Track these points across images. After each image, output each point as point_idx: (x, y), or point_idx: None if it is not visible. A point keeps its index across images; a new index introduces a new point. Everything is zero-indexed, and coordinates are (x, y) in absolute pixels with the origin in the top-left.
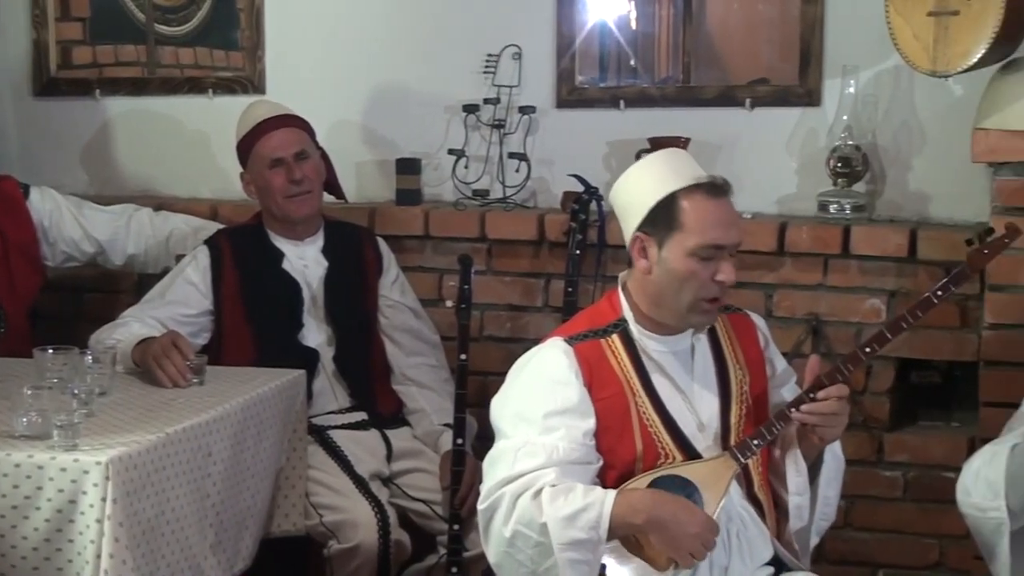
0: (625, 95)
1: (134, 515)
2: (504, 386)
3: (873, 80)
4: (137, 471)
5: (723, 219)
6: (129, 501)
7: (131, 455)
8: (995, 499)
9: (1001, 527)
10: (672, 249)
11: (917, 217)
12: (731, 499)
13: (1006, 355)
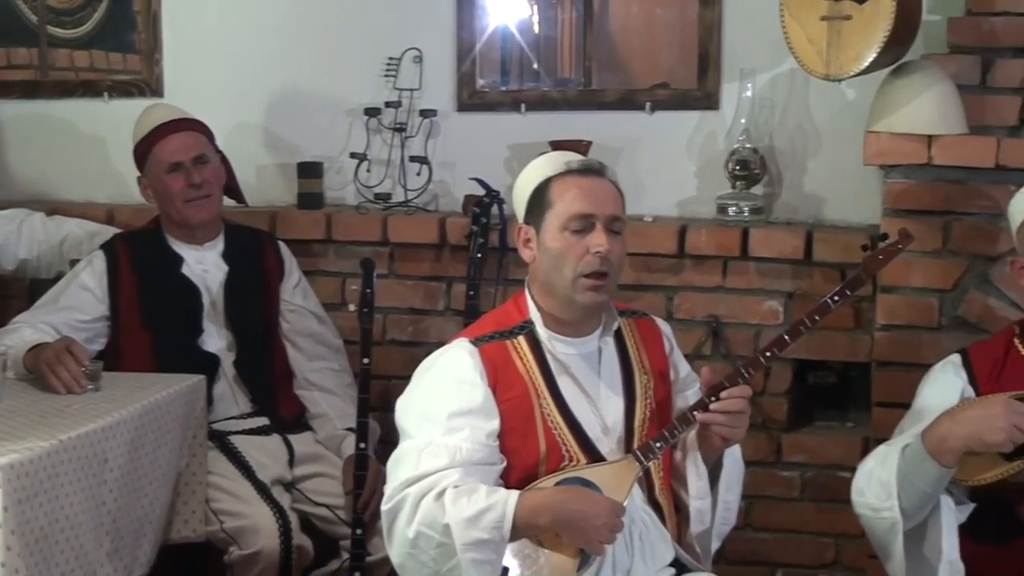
0: (526, 98)
1: (27, 523)
2: (409, 387)
3: (770, 84)
4: (30, 478)
5: (590, 191)
6: (21, 509)
7: (23, 462)
8: (888, 499)
9: (894, 527)
10: (547, 230)
11: (812, 219)
12: (633, 502)
13: (897, 356)
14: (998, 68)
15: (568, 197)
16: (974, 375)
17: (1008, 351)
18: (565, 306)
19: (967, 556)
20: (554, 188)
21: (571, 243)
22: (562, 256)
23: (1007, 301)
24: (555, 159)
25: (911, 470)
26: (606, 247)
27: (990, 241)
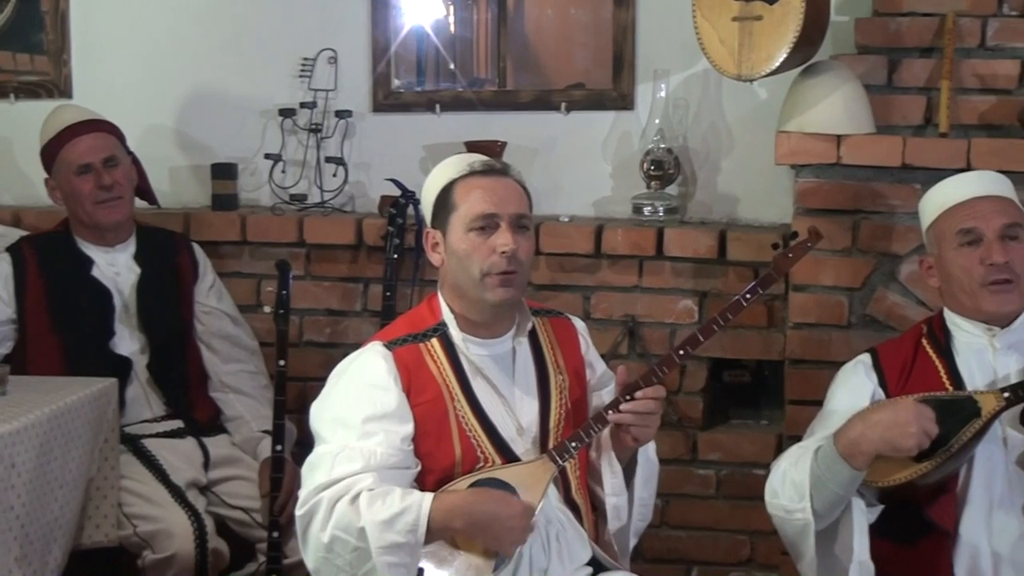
0: (441, 99)
1: None
2: (323, 391)
3: (683, 84)
4: None
5: (493, 190)
6: None
7: None
8: (800, 501)
9: (807, 528)
10: (453, 232)
11: (726, 218)
12: (549, 502)
13: (809, 354)
14: (904, 68)
15: (472, 198)
16: (884, 376)
17: (916, 351)
18: (476, 307)
19: (877, 556)
20: (457, 190)
21: (477, 244)
22: (469, 257)
23: (913, 299)
24: (458, 162)
25: (823, 472)
26: (512, 245)
27: (897, 240)
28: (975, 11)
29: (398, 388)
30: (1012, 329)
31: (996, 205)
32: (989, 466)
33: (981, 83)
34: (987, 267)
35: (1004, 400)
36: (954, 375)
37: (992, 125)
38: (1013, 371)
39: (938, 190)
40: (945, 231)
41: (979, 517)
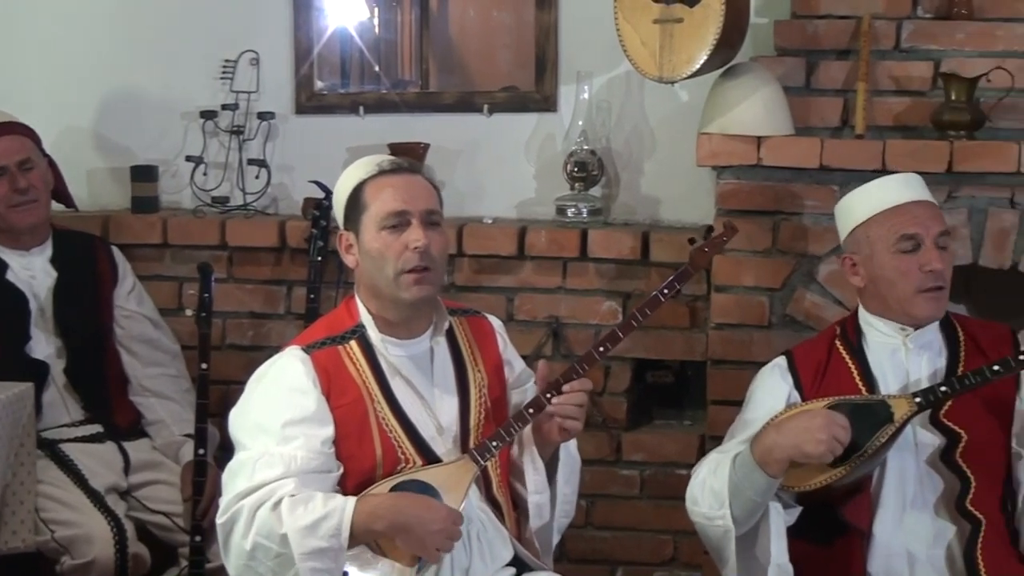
0: (365, 101)
1: None
2: (242, 397)
3: (606, 86)
4: None
5: (403, 188)
6: None
7: None
8: (720, 509)
9: (727, 534)
10: (365, 232)
11: (649, 220)
12: (470, 501)
13: (730, 354)
14: (821, 70)
15: (382, 197)
16: (799, 378)
17: (830, 353)
18: (392, 306)
19: (796, 556)
20: (368, 190)
21: (389, 242)
22: (382, 255)
23: (831, 299)
24: (366, 163)
25: (741, 480)
26: (424, 241)
27: (815, 240)
28: (890, 13)
29: (317, 391)
30: (924, 330)
31: (932, 211)
32: (902, 467)
33: (896, 85)
34: (925, 273)
35: (916, 405)
36: (867, 376)
37: (907, 126)
38: (924, 371)
39: (871, 191)
40: (883, 234)
41: (892, 517)
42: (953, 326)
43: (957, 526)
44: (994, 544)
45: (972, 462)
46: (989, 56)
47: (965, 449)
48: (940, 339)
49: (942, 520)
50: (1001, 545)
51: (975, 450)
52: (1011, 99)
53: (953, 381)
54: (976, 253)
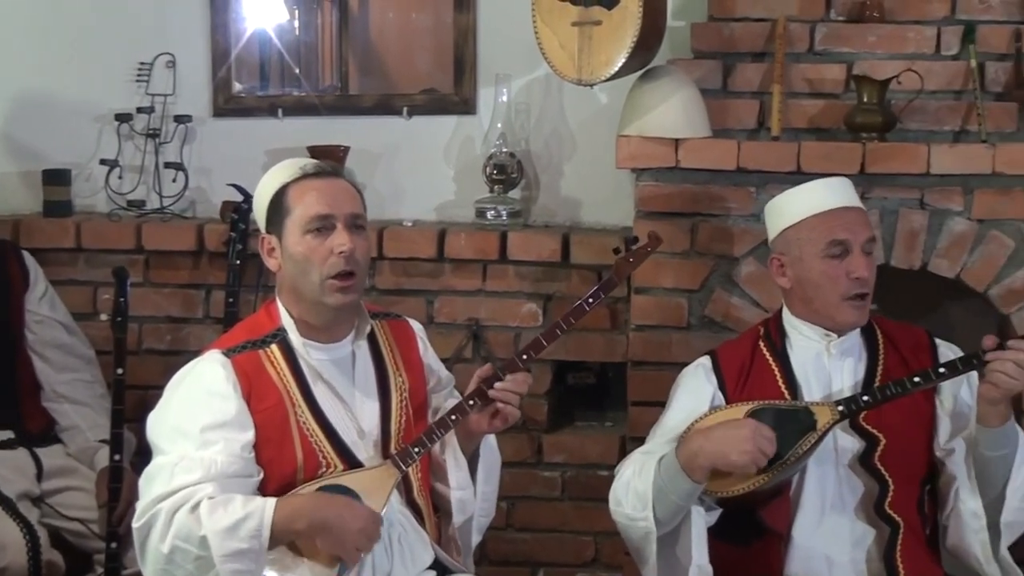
0: (284, 103)
1: None
2: (160, 402)
3: (525, 88)
4: None
5: (327, 192)
6: None
7: None
8: (644, 510)
9: (649, 535)
10: (289, 236)
11: (570, 222)
12: (391, 505)
13: (650, 355)
14: (738, 72)
15: (306, 201)
16: (723, 379)
17: (754, 354)
18: (315, 310)
19: (715, 557)
20: (291, 194)
21: (314, 246)
22: (306, 260)
23: (750, 300)
24: (289, 166)
25: (665, 483)
26: (349, 245)
27: (733, 242)
28: (804, 16)
29: (238, 396)
30: (847, 335)
31: (861, 217)
32: (821, 471)
33: (810, 87)
34: (851, 280)
35: (838, 414)
36: (790, 380)
37: (821, 128)
38: (847, 376)
39: (804, 193)
40: (814, 237)
41: (812, 521)
42: (873, 329)
43: (876, 529)
44: (912, 546)
45: (890, 465)
46: (900, 58)
47: (884, 453)
48: (861, 342)
49: (861, 523)
50: (918, 547)
51: (893, 453)
52: (920, 101)
53: (875, 391)
54: (888, 253)
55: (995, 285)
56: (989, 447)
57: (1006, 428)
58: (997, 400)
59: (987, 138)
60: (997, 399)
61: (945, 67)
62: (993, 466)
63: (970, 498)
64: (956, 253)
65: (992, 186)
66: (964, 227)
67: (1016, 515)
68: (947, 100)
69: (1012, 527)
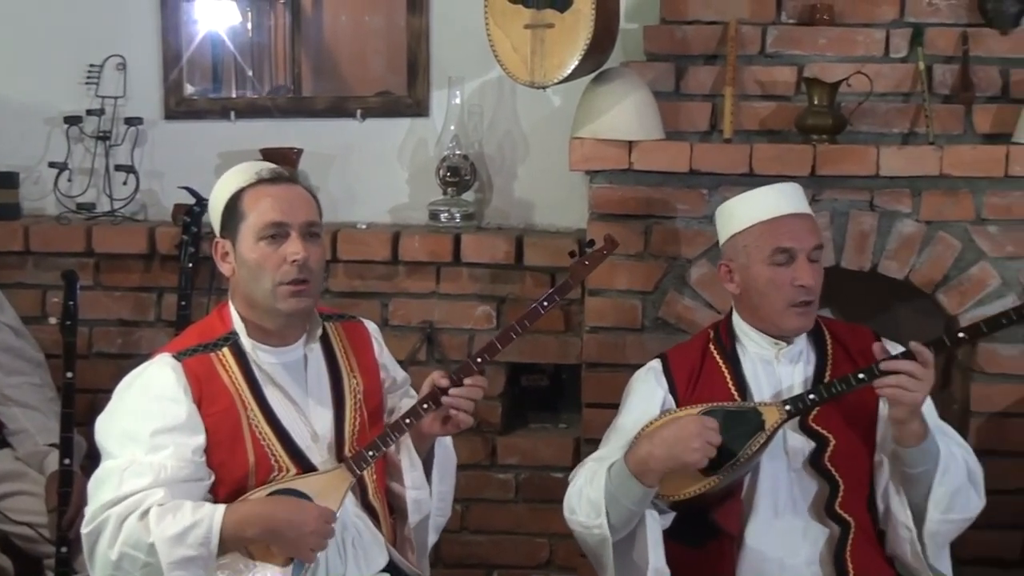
0: (236, 106)
1: None
2: (110, 405)
3: (478, 91)
4: None
5: (283, 199)
6: None
7: None
8: (597, 518)
9: (604, 542)
10: (243, 241)
11: (523, 224)
12: (346, 507)
13: (604, 357)
14: (690, 75)
15: (261, 207)
16: (674, 383)
17: (704, 358)
18: (268, 315)
19: (671, 559)
20: (246, 199)
21: (267, 253)
22: (260, 266)
23: (702, 302)
24: (245, 170)
25: (617, 489)
26: (303, 254)
27: (686, 244)
28: (755, 19)
29: (188, 399)
30: (796, 343)
31: (808, 224)
32: (773, 472)
33: (762, 89)
34: (796, 288)
35: (786, 413)
36: (740, 382)
37: (772, 130)
38: (796, 378)
39: (751, 200)
40: (760, 244)
41: (763, 522)
42: (821, 330)
43: (827, 529)
44: (862, 546)
45: (840, 466)
46: (849, 61)
47: (833, 453)
48: (809, 344)
49: (812, 523)
50: (869, 546)
51: (843, 454)
52: (870, 103)
53: (820, 389)
54: (838, 255)
55: (942, 286)
56: (909, 465)
57: (924, 446)
58: (904, 418)
59: (935, 140)
60: (903, 416)
61: (894, 69)
62: (915, 481)
63: (900, 509)
64: (905, 254)
65: (939, 188)
66: (913, 228)
67: (939, 527)
68: (896, 102)
69: (936, 538)
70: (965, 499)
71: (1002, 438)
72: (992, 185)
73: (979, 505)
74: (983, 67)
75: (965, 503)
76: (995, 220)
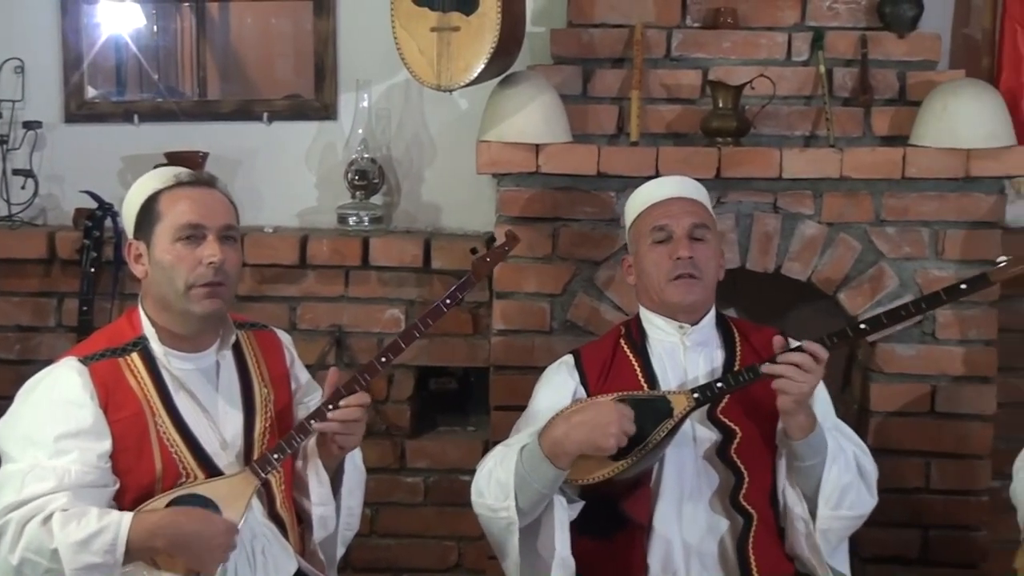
0: (139, 109)
1: None
2: (11, 409)
3: (386, 94)
4: None
5: (200, 202)
6: None
7: None
8: (506, 500)
9: (511, 526)
10: (158, 243)
11: (431, 227)
12: (254, 515)
13: (512, 360)
14: (597, 78)
15: (178, 209)
16: (585, 375)
17: (615, 351)
18: (181, 319)
19: (578, 551)
20: (163, 201)
21: (183, 255)
22: (174, 268)
23: (610, 304)
24: (163, 173)
25: (528, 471)
26: (219, 256)
27: (594, 246)
28: (661, 22)
29: (94, 404)
30: (700, 327)
31: (687, 206)
32: (680, 462)
33: (668, 92)
34: (674, 261)
35: (694, 400)
36: (649, 374)
37: (678, 133)
38: (701, 369)
39: (639, 192)
40: (642, 229)
41: (671, 510)
42: (729, 328)
43: (731, 520)
44: (764, 538)
45: (745, 457)
46: (753, 64)
47: (739, 445)
48: (717, 338)
49: (717, 514)
50: (770, 539)
51: (748, 446)
52: (773, 106)
53: (728, 378)
54: (744, 257)
55: (844, 287)
56: (798, 458)
57: (810, 440)
58: (792, 409)
59: (835, 143)
60: (790, 408)
61: (796, 73)
62: (804, 475)
63: (796, 503)
64: (807, 256)
65: (840, 190)
66: (815, 230)
67: (831, 523)
68: (798, 105)
69: (828, 534)
70: (856, 496)
71: (900, 437)
72: (890, 187)
73: (871, 503)
74: (881, 70)
75: (855, 500)
76: (893, 221)
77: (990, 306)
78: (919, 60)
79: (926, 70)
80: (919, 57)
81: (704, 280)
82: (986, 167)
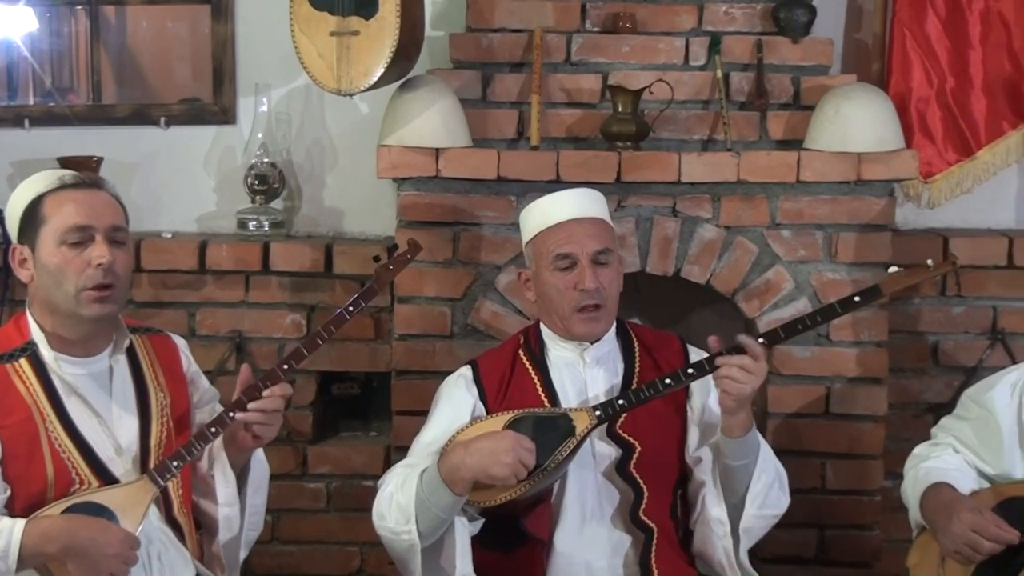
0: (31, 114)
1: None
2: None
3: (286, 98)
4: None
5: (86, 203)
6: None
7: None
8: (407, 524)
9: (412, 548)
10: (43, 247)
11: (333, 232)
12: (150, 521)
13: (414, 364)
14: (497, 83)
15: (64, 211)
16: (484, 390)
17: (514, 365)
18: (70, 323)
19: (480, 565)
20: (48, 204)
21: (70, 258)
22: (61, 271)
23: (512, 308)
24: (47, 176)
25: (428, 496)
26: (108, 257)
27: (494, 251)
28: (560, 27)
29: None
30: (600, 344)
31: (590, 229)
32: (581, 479)
33: (568, 97)
34: (579, 292)
35: (596, 418)
36: (549, 390)
37: (579, 138)
38: (602, 384)
39: (537, 207)
40: (543, 251)
41: (572, 527)
42: (630, 338)
43: (632, 535)
44: (665, 551)
45: (644, 472)
46: (652, 69)
47: (639, 460)
48: (617, 350)
49: (618, 530)
50: (672, 551)
51: (647, 460)
52: (672, 111)
53: (630, 395)
54: (644, 260)
55: (741, 290)
56: (731, 457)
57: (747, 438)
58: (733, 408)
59: (732, 147)
60: (732, 407)
61: (693, 77)
62: (735, 475)
63: (715, 505)
64: (706, 259)
65: (737, 193)
66: (713, 234)
67: (754, 522)
68: (696, 110)
69: (750, 533)
70: (776, 495)
71: (796, 438)
72: (785, 190)
73: (786, 502)
74: (776, 75)
75: (776, 499)
76: (788, 224)
77: (881, 308)
78: (812, 65)
79: (819, 75)
80: (812, 62)
81: (608, 305)
82: (876, 171)
